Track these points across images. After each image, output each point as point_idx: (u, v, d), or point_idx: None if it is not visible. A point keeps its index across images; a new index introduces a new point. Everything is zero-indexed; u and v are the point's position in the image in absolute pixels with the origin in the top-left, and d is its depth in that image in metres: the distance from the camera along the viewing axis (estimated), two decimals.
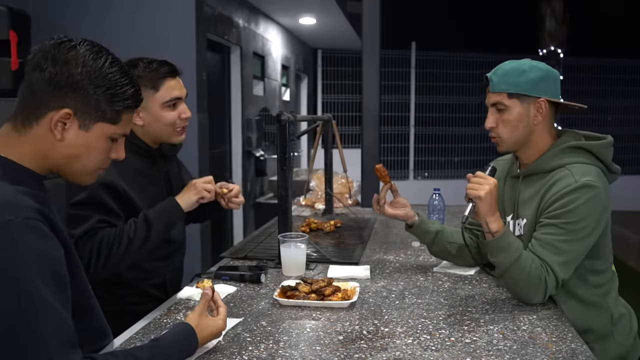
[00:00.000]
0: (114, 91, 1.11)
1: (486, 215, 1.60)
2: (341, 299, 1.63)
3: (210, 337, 1.30)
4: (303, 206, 3.52)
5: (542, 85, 1.66)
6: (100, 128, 1.12)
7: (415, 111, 9.17)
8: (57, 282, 1.01)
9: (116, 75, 1.11)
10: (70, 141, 1.10)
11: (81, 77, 1.07)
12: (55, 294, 1.00)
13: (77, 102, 1.08)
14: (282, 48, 6.73)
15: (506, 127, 1.70)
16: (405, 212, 1.96)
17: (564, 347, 1.34)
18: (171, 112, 1.79)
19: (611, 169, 1.69)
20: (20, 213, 0.99)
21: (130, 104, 1.14)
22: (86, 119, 1.10)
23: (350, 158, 3.45)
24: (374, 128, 3.63)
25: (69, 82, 1.07)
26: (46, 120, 1.08)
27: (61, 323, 1.00)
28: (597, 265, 1.68)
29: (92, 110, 1.10)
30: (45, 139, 1.09)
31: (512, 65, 1.69)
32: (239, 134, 5.19)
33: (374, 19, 3.57)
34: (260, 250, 2.25)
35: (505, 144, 1.73)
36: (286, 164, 2.03)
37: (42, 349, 0.97)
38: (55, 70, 1.06)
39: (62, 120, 1.08)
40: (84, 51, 1.08)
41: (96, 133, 1.12)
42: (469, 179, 1.64)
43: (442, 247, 1.95)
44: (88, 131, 1.11)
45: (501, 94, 1.68)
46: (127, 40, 3.69)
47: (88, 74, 1.07)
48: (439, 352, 1.31)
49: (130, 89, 1.14)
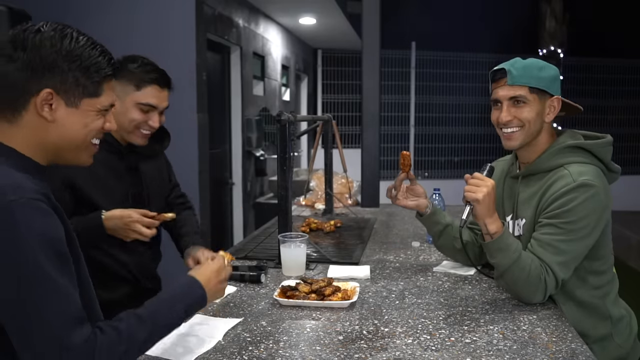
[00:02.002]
0: (88, 63, 1.12)
1: (484, 217, 1.60)
2: (341, 299, 1.63)
3: (212, 277, 1.29)
4: (303, 206, 3.52)
5: (557, 84, 1.67)
6: (87, 104, 1.14)
7: (415, 111, 9.17)
8: (61, 260, 1.03)
9: (86, 49, 1.12)
10: (63, 120, 1.12)
11: (54, 57, 1.08)
12: (60, 271, 1.01)
13: (56, 82, 1.10)
14: (282, 48, 6.73)
15: (523, 121, 1.66)
16: (417, 202, 1.94)
17: (564, 347, 1.34)
18: (140, 114, 1.82)
19: (611, 168, 1.69)
20: (23, 194, 1.01)
21: (107, 72, 1.16)
22: (70, 96, 1.12)
23: (350, 158, 3.45)
24: (374, 128, 3.63)
25: (43, 64, 1.08)
26: (32, 106, 1.09)
27: (67, 299, 1.01)
28: (597, 266, 1.68)
29: (73, 87, 1.11)
30: (38, 125, 1.11)
31: (530, 60, 1.67)
32: (239, 134, 5.19)
33: (374, 19, 3.56)
34: (260, 250, 2.25)
35: (518, 140, 1.68)
36: (286, 164, 2.03)
37: (46, 327, 0.98)
38: (27, 57, 1.07)
39: (47, 102, 1.10)
40: (49, 32, 1.10)
41: (85, 109, 1.14)
42: (467, 181, 1.63)
43: (449, 242, 1.94)
44: (77, 108, 1.13)
45: (522, 87, 1.64)
46: (127, 40, 3.69)
47: (59, 53, 1.09)
48: (439, 352, 1.31)
49: (103, 59, 1.15)
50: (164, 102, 1.86)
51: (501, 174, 1.85)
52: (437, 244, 2.00)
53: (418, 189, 1.94)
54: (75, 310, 1.01)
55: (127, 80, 1.80)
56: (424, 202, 1.94)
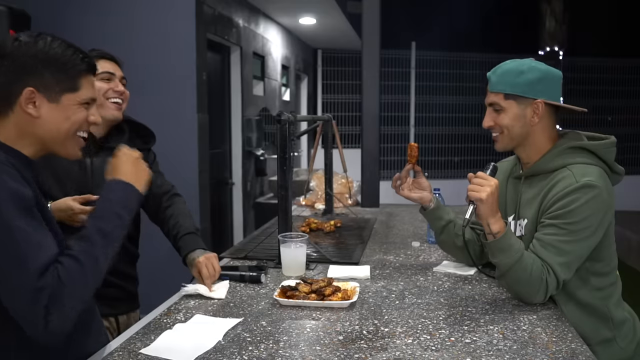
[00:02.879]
0: (63, 61, 1.23)
1: (487, 216, 1.60)
2: (341, 299, 1.63)
3: (129, 167, 1.34)
4: (303, 206, 3.52)
5: (540, 87, 1.66)
6: (67, 99, 1.24)
7: (415, 111, 9.17)
8: (32, 214, 1.13)
9: (58, 49, 1.23)
10: (48, 115, 1.22)
11: (31, 61, 1.20)
12: (30, 222, 1.12)
13: (36, 81, 1.21)
14: (282, 48, 6.73)
15: (502, 127, 1.70)
16: (421, 195, 1.93)
17: (564, 347, 1.34)
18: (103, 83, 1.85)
19: (614, 169, 1.69)
20: None
21: (83, 68, 1.26)
22: (51, 93, 1.22)
23: (350, 158, 3.45)
24: (374, 128, 3.63)
25: (21, 67, 1.20)
26: (18, 107, 1.21)
27: (40, 244, 1.11)
28: (599, 267, 1.67)
29: (52, 84, 1.22)
30: (25, 122, 1.22)
31: (511, 65, 1.69)
32: (239, 134, 5.19)
33: (374, 19, 3.57)
34: (260, 250, 2.25)
35: (501, 143, 1.74)
36: (286, 164, 2.03)
37: (25, 272, 1.08)
38: (7, 63, 1.20)
39: (31, 100, 1.20)
40: (24, 39, 1.21)
41: (66, 104, 1.24)
42: (470, 180, 1.63)
43: (450, 238, 1.94)
44: (59, 103, 1.23)
45: (498, 95, 1.69)
46: (127, 40, 3.70)
47: (34, 56, 1.20)
48: (439, 352, 1.31)
49: (77, 56, 1.25)
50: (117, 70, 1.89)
51: (504, 174, 1.85)
52: (439, 239, 1.99)
53: (423, 182, 1.94)
54: (51, 251, 1.12)
55: None
56: (428, 196, 1.94)
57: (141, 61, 3.52)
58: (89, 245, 1.19)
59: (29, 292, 1.08)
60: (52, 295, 1.09)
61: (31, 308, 1.08)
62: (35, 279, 1.08)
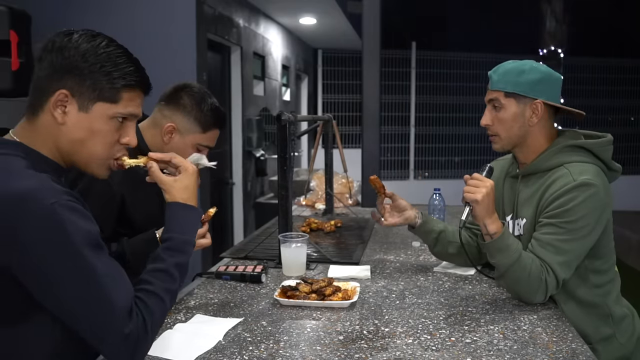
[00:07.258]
0: (110, 68, 1.13)
1: (484, 217, 1.60)
2: (341, 299, 1.63)
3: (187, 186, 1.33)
4: (303, 206, 3.52)
5: (540, 87, 1.67)
6: (100, 108, 1.14)
7: (415, 111, 9.17)
8: (102, 248, 1.09)
9: (112, 53, 1.14)
10: (72, 124, 1.13)
11: (75, 59, 1.11)
12: (105, 260, 1.08)
13: (73, 83, 1.11)
14: (282, 48, 6.73)
15: (501, 126, 1.71)
16: (404, 217, 1.93)
17: (564, 347, 1.34)
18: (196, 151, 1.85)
19: (611, 167, 1.69)
20: (61, 196, 1.05)
21: (130, 81, 1.15)
22: (84, 99, 1.12)
23: (351, 158, 3.45)
24: (374, 128, 3.63)
25: (64, 64, 1.11)
26: (49, 106, 1.12)
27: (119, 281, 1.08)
28: (598, 264, 1.68)
29: (89, 90, 1.12)
30: (51, 125, 1.13)
31: (513, 65, 1.70)
32: (239, 134, 5.19)
33: (374, 19, 3.57)
34: (260, 250, 2.25)
35: (499, 143, 1.74)
36: (286, 164, 2.03)
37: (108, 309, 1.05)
38: (52, 57, 1.11)
39: (61, 103, 1.12)
40: (78, 36, 1.13)
41: (96, 114, 1.14)
42: (466, 181, 1.64)
43: (444, 248, 1.94)
44: (88, 112, 1.13)
45: (498, 92, 1.69)
46: (127, 41, 3.68)
47: (82, 55, 1.11)
48: (439, 352, 1.31)
49: (129, 67, 1.16)
50: None
51: (501, 173, 1.86)
52: (434, 251, 1.98)
53: (401, 203, 1.94)
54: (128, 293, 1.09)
55: (196, 119, 1.85)
56: (411, 214, 1.93)
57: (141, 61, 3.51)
58: (172, 283, 1.17)
59: (117, 338, 1.05)
60: (138, 341, 1.08)
61: (117, 355, 1.07)
62: (122, 324, 1.05)
